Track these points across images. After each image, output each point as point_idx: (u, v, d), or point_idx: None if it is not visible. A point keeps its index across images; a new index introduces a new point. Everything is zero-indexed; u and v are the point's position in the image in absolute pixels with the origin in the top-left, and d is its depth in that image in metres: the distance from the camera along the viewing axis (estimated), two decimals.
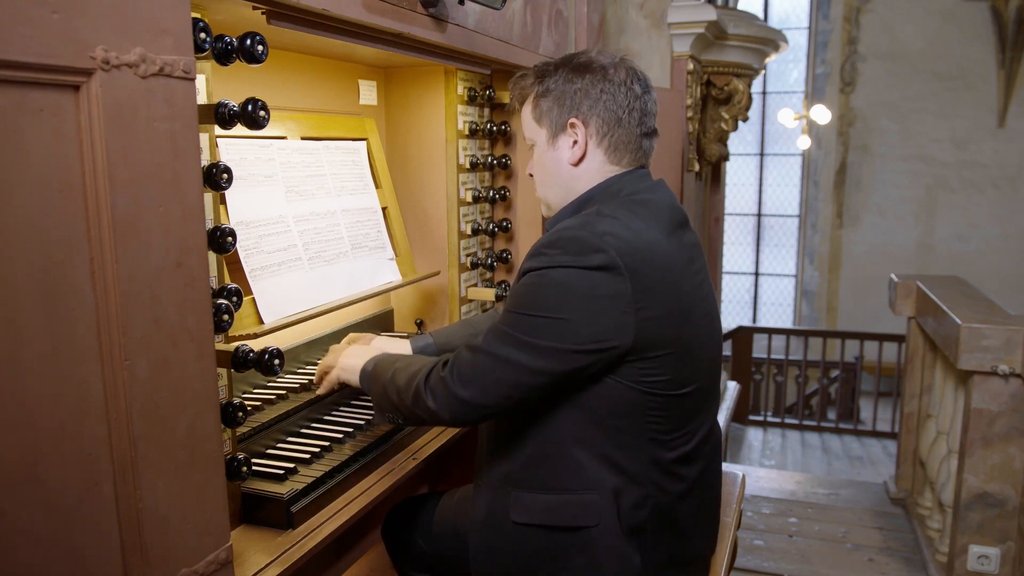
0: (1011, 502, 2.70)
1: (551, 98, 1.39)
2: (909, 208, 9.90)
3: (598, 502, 1.29)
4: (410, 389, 1.34)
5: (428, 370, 1.33)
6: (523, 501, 1.34)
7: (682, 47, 3.71)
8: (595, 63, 1.39)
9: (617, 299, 1.20)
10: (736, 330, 7.35)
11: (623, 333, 1.21)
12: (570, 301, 1.20)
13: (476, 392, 1.26)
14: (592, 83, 1.37)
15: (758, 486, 4.14)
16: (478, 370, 1.26)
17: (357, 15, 1.38)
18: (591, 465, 1.29)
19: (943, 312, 2.92)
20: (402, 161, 2.19)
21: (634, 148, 1.39)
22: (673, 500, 1.34)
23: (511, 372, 1.23)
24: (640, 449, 1.29)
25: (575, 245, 1.21)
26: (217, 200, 1.25)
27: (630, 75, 1.38)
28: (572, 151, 1.39)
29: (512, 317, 1.25)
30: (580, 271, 1.20)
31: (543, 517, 1.32)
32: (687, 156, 3.81)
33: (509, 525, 1.35)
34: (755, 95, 4.97)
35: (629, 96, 1.37)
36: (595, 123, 1.37)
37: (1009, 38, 9.06)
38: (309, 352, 1.83)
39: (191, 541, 1.00)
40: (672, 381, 1.27)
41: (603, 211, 1.29)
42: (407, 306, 2.24)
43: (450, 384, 1.28)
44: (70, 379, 0.83)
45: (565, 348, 1.20)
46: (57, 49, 0.78)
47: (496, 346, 1.25)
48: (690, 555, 1.43)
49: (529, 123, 1.46)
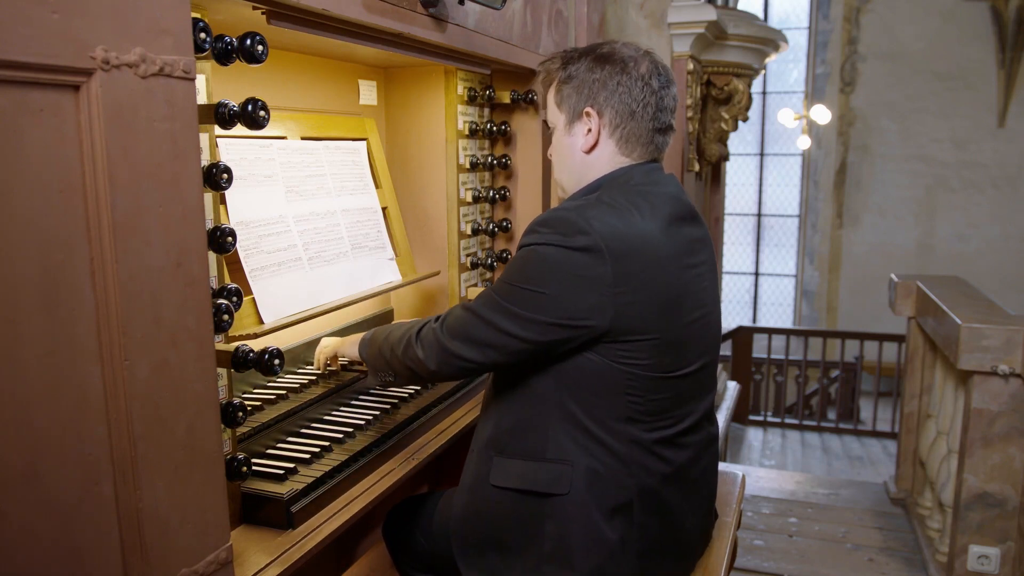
0: (1011, 502, 2.70)
1: (571, 85, 1.44)
2: (909, 208, 9.90)
3: (569, 472, 1.34)
4: (402, 342, 1.45)
5: (422, 324, 1.45)
6: (503, 466, 1.40)
7: (682, 47, 3.70)
8: (617, 55, 1.42)
9: (596, 281, 1.25)
10: (736, 330, 7.35)
11: (600, 314, 1.26)
12: (552, 277, 1.27)
13: (462, 346, 1.36)
14: (611, 75, 1.40)
15: (758, 486, 4.14)
16: (467, 326, 1.36)
17: (357, 15, 1.38)
18: (568, 436, 1.34)
19: (943, 312, 2.92)
20: (402, 161, 2.19)
21: (646, 142, 1.43)
22: (658, 482, 1.36)
23: (493, 334, 1.32)
24: (618, 426, 1.33)
25: (564, 225, 1.27)
26: (217, 200, 1.25)
27: (650, 70, 1.41)
28: (585, 138, 1.44)
29: (502, 285, 1.34)
30: (564, 250, 1.26)
31: (517, 482, 1.38)
32: (687, 156, 3.81)
33: (488, 488, 1.41)
34: (755, 95, 4.97)
35: (646, 91, 1.40)
36: (609, 114, 1.41)
37: (1009, 38, 9.06)
38: (309, 352, 1.83)
39: (191, 541, 1.00)
40: (653, 366, 1.31)
41: (603, 198, 1.34)
42: (407, 306, 2.24)
43: (439, 335, 1.39)
44: (70, 379, 0.83)
45: (542, 320, 1.28)
46: (57, 49, 0.78)
47: (483, 309, 1.34)
48: (680, 545, 1.45)
49: (551, 106, 1.51)
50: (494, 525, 1.41)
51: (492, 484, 1.40)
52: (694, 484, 1.44)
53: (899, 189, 9.90)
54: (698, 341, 1.38)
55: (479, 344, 1.34)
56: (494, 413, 1.44)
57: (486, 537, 1.42)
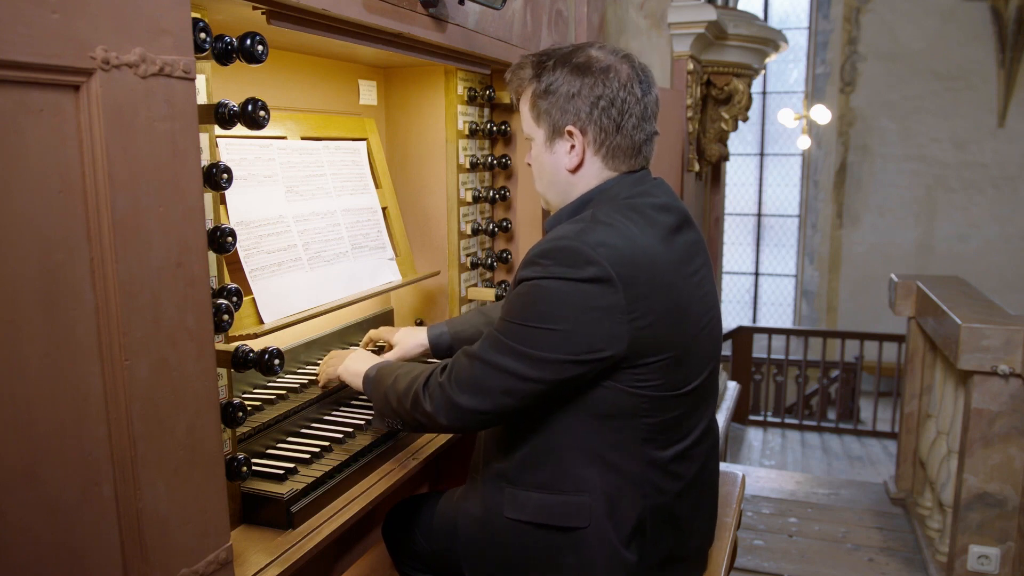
0: (1011, 502, 2.70)
1: (549, 100, 1.35)
2: (909, 208, 9.90)
3: (589, 504, 1.29)
4: (409, 393, 1.36)
5: (428, 375, 1.35)
6: (517, 498, 1.35)
7: (682, 47, 3.71)
8: (595, 64, 1.33)
9: (611, 310, 1.20)
10: (736, 330, 7.35)
11: (617, 342, 1.21)
12: (563, 312, 1.20)
13: (472, 398, 1.27)
14: (591, 87, 1.32)
15: (758, 486, 4.14)
16: (474, 376, 1.27)
17: (357, 15, 1.38)
18: (585, 467, 1.29)
19: (943, 312, 2.92)
20: (402, 161, 2.19)
21: (633, 153, 1.36)
22: (671, 499, 1.34)
23: (506, 380, 1.24)
24: (635, 450, 1.29)
25: (569, 256, 1.21)
26: (217, 200, 1.25)
27: (632, 76, 1.33)
28: (569, 157, 1.36)
29: (507, 326, 1.26)
30: (573, 283, 1.20)
31: (535, 515, 1.33)
32: (687, 156, 3.81)
33: (502, 520, 1.37)
34: (755, 95, 4.97)
35: (629, 100, 1.32)
36: (593, 131, 1.34)
37: (1009, 38, 9.06)
38: (309, 352, 1.83)
39: (191, 541, 1.00)
40: (667, 384, 1.28)
41: (598, 217, 1.27)
42: (407, 306, 2.24)
43: (447, 389, 1.30)
44: (70, 379, 0.83)
45: (558, 358, 1.21)
46: (57, 49, 0.78)
47: (491, 354, 1.26)
48: (689, 549, 1.44)
49: (527, 119, 1.43)
50: (512, 555, 1.38)
51: (506, 516, 1.36)
52: (701, 492, 1.43)
53: (899, 189, 9.90)
54: (705, 347, 1.35)
55: (491, 392, 1.26)
56: (502, 442, 1.39)
57: (503, 565, 1.40)
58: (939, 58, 9.48)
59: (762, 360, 7.57)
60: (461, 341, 1.78)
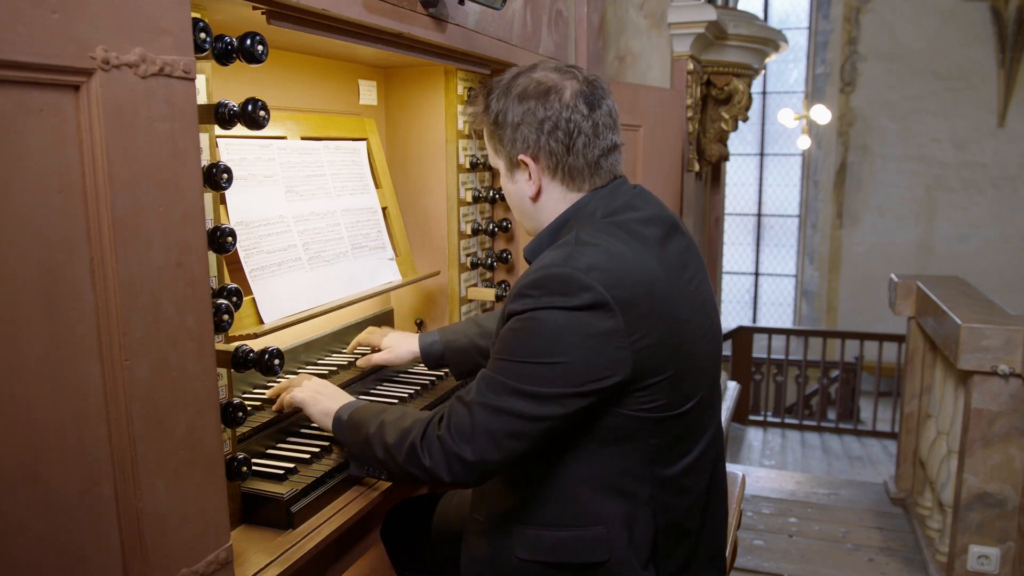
0: (1011, 502, 2.70)
1: (500, 131, 1.33)
2: (909, 208, 9.90)
3: (606, 536, 1.24)
4: (403, 447, 1.26)
5: (423, 427, 1.25)
6: (528, 538, 1.29)
7: (682, 47, 3.71)
8: (536, 87, 1.29)
9: (611, 335, 1.14)
10: (736, 330, 7.35)
11: (621, 367, 1.16)
12: (563, 344, 1.14)
13: (476, 448, 1.18)
14: (534, 112, 1.28)
15: (758, 486, 4.14)
16: (476, 424, 1.18)
17: (357, 15, 1.38)
18: (596, 498, 1.24)
19: (943, 312, 2.92)
20: (402, 161, 2.19)
21: (592, 172, 1.31)
22: (682, 513, 1.31)
23: (511, 423, 1.17)
24: (644, 473, 1.25)
25: (560, 284, 1.15)
26: (217, 200, 1.25)
27: (575, 94, 1.28)
28: (528, 185, 1.33)
29: (504, 365, 1.18)
30: (569, 312, 1.14)
31: (550, 554, 1.27)
32: (687, 156, 3.81)
33: (515, 561, 1.30)
34: (755, 95, 4.97)
35: (575, 118, 1.27)
36: (544, 157, 1.30)
37: (1009, 38, 9.06)
38: (309, 352, 1.83)
39: (191, 541, 1.00)
40: (670, 404, 1.23)
41: (583, 238, 1.21)
42: (407, 306, 2.24)
43: (447, 442, 1.20)
44: (70, 379, 0.83)
45: (564, 392, 1.15)
46: (57, 49, 0.78)
47: (492, 397, 1.18)
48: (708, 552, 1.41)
49: (490, 152, 1.41)
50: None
51: (518, 557, 1.29)
52: (710, 499, 1.38)
53: (899, 189, 9.90)
54: (706, 355, 1.30)
55: (496, 439, 1.17)
56: (505, 483, 1.33)
57: None
58: (939, 58, 9.48)
59: (762, 360, 7.57)
60: (453, 351, 1.75)
